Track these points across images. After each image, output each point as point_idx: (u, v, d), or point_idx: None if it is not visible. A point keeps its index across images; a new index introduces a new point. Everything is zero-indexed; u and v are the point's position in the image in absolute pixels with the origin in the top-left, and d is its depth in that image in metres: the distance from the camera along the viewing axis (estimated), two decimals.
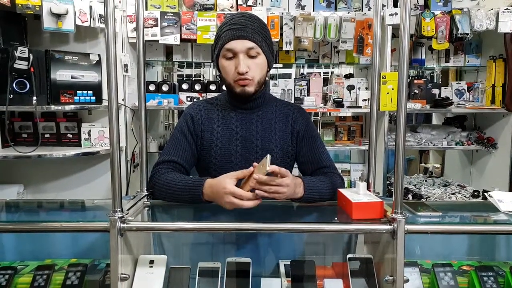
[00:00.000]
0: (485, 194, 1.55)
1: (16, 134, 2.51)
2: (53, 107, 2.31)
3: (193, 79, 2.99)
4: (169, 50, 2.90)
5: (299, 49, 2.77)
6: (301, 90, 2.88)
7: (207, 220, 1.27)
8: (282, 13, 2.62)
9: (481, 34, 2.91)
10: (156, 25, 2.59)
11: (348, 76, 3.05)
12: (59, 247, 1.33)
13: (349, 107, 2.84)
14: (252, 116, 1.42)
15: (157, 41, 2.63)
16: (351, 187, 2.89)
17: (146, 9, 2.62)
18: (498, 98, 2.75)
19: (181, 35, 2.61)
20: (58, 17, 2.27)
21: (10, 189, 2.48)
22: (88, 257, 1.27)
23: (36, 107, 2.20)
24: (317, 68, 4.05)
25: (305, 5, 2.69)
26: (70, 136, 2.53)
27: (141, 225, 1.11)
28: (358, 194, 1.14)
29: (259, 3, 2.66)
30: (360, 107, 2.82)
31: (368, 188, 1.27)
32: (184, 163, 1.39)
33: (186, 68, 3.90)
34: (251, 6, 2.64)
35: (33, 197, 2.57)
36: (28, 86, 2.18)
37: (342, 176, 1.44)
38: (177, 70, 3.98)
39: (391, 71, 2.59)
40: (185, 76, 3.98)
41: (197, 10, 2.65)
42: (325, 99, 2.95)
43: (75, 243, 1.33)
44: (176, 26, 2.61)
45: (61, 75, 2.31)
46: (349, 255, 1.13)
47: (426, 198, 2.75)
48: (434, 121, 3.70)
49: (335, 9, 2.71)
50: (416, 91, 2.89)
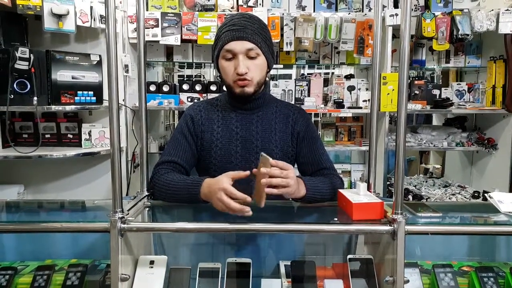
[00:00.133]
0: (486, 195, 1.55)
1: (16, 134, 2.51)
2: (53, 108, 2.32)
3: (193, 79, 2.99)
4: (169, 51, 2.90)
5: (300, 49, 2.77)
6: (301, 91, 2.88)
7: (207, 220, 1.27)
8: (283, 13, 2.63)
9: (481, 35, 2.91)
10: (157, 25, 2.60)
11: (349, 77, 3.05)
12: (60, 248, 1.33)
13: (349, 107, 2.84)
14: (252, 116, 1.43)
15: (158, 41, 2.63)
16: (351, 187, 2.89)
17: (147, 9, 2.63)
18: (499, 99, 2.75)
19: (181, 35, 2.62)
20: (59, 17, 2.28)
21: (11, 189, 2.47)
22: (88, 258, 1.27)
23: (36, 108, 2.20)
24: (317, 68, 4.05)
25: (305, 6, 2.69)
26: (70, 136, 2.53)
27: (141, 225, 1.11)
28: (358, 195, 1.14)
29: (259, 4, 2.66)
30: (361, 107, 2.83)
31: (369, 188, 1.27)
32: (184, 163, 1.39)
33: (186, 68, 3.90)
34: (251, 6, 2.64)
35: (33, 197, 2.57)
36: (28, 86, 2.19)
37: (341, 178, 1.44)
38: (178, 70, 3.98)
39: (391, 72, 2.60)
40: (185, 76, 3.99)
41: (197, 11, 2.65)
42: (325, 99, 2.95)
43: (76, 244, 1.33)
44: (176, 26, 2.61)
45: (61, 75, 2.32)
46: (349, 256, 1.13)
47: (427, 199, 2.75)
48: (435, 121, 3.70)
49: (336, 9, 2.71)
50: (417, 92, 2.89)
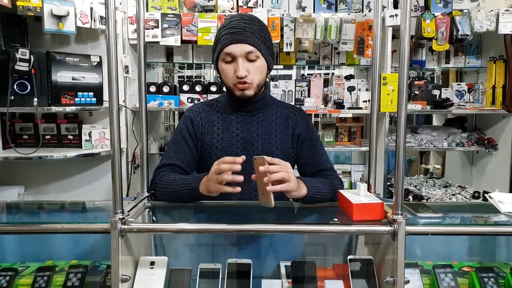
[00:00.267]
0: (486, 195, 1.55)
1: (17, 135, 2.52)
2: (54, 109, 2.32)
3: (193, 80, 3.00)
4: (169, 52, 2.90)
5: (300, 50, 2.77)
6: (301, 91, 2.88)
7: (207, 221, 1.27)
8: (283, 14, 2.63)
9: (481, 35, 2.91)
10: (157, 26, 2.60)
11: (349, 77, 3.05)
12: (60, 249, 1.33)
13: (349, 108, 2.84)
14: (252, 118, 1.42)
15: (158, 42, 2.64)
16: (351, 188, 2.89)
17: (147, 10, 2.63)
18: (499, 99, 2.75)
19: (181, 36, 2.62)
20: (59, 18, 2.28)
21: (11, 190, 2.47)
22: (88, 259, 1.26)
23: (37, 109, 2.20)
24: (317, 69, 4.05)
25: (305, 7, 2.69)
26: (70, 137, 2.53)
27: (141, 226, 1.11)
28: (358, 195, 1.14)
29: (259, 5, 2.66)
30: (361, 108, 2.83)
31: (369, 189, 1.26)
32: (184, 166, 1.39)
33: (186, 69, 3.91)
34: (251, 7, 2.64)
35: (33, 198, 2.57)
36: (29, 87, 2.19)
37: (341, 179, 1.44)
38: (178, 71, 3.98)
39: (391, 72, 2.60)
40: (185, 77, 3.99)
41: (197, 12, 2.65)
42: (325, 100, 2.95)
43: (76, 245, 1.33)
44: (176, 27, 2.61)
45: (62, 76, 2.32)
46: (349, 256, 1.13)
47: (427, 199, 2.75)
48: (435, 122, 3.70)
49: (336, 10, 2.71)
50: (417, 92, 2.90)
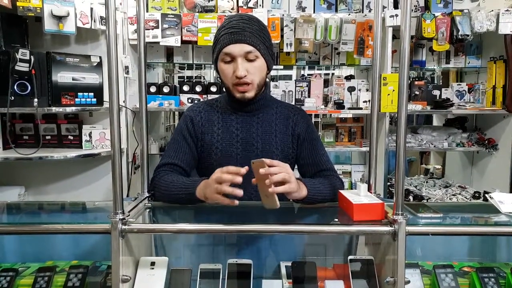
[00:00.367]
0: (486, 195, 1.55)
1: (17, 136, 2.52)
2: (54, 109, 2.32)
3: (194, 80, 3.00)
4: (170, 52, 2.91)
5: (300, 50, 2.77)
6: (301, 92, 2.88)
7: (208, 221, 1.27)
8: (283, 14, 2.63)
9: (481, 35, 2.91)
10: (157, 27, 2.60)
11: (349, 78, 3.05)
12: (60, 249, 1.33)
13: (349, 108, 2.84)
14: (252, 118, 1.42)
15: (158, 43, 2.64)
16: (352, 188, 2.89)
17: (147, 11, 2.63)
18: (499, 99, 2.75)
19: (182, 36, 2.62)
20: (59, 19, 2.28)
21: (11, 190, 2.47)
22: (89, 259, 1.26)
23: (37, 109, 2.20)
24: (317, 69, 4.04)
25: (305, 7, 2.69)
26: (71, 137, 2.53)
27: (142, 227, 1.11)
28: (359, 196, 1.14)
29: (259, 5, 2.67)
30: (361, 108, 2.83)
31: (369, 189, 1.27)
32: (184, 165, 1.39)
33: (187, 69, 3.90)
34: (251, 8, 2.64)
35: (34, 198, 2.57)
36: (29, 88, 2.19)
37: (341, 179, 1.44)
38: (178, 71, 3.98)
39: (391, 72, 2.60)
40: (186, 77, 3.99)
41: (197, 12, 2.65)
42: (325, 100, 2.95)
43: (76, 245, 1.33)
44: (177, 28, 2.61)
45: (62, 77, 2.32)
46: (350, 257, 1.13)
47: (427, 200, 2.75)
48: (435, 122, 3.70)
49: (336, 10, 2.71)
50: (417, 92, 2.90)
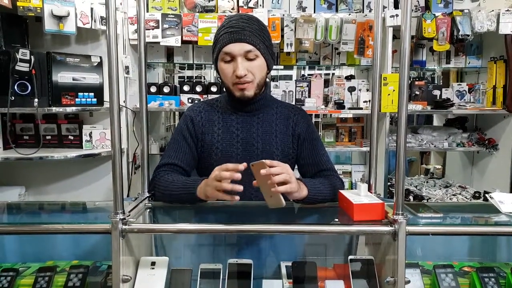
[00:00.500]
0: (486, 195, 1.55)
1: (17, 136, 2.52)
2: (54, 109, 2.32)
3: (194, 80, 3.00)
4: (170, 52, 2.91)
5: (300, 50, 2.77)
6: (302, 92, 2.88)
7: (208, 221, 1.27)
8: (283, 14, 2.63)
9: (482, 35, 2.91)
10: (157, 27, 2.60)
11: (349, 78, 3.05)
12: (61, 249, 1.33)
13: (350, 108, 2.84)
14: (252, 118, 1.42)
15: (158, 43, 2.64)
16: (352, 188, 2.89)
17: (147, 11, 2.63)
18: (499, 99, 2.75)
19: (182, 37, 2.62)
20: (60, 19, 2.28)
21: (12, 191, 2.48)
22: (89, 259, 1.26)
23: (37, 109, 2.21)
24: (318, 69, 4.05)
25: (306, 7, 2.69)
26: (71, 138, 2.53)
27: (142, 226, 1.11)
28: (359, 196, 1.14)
29: (260, 5, 2.66)
30: (361, 108, 2.83)
31: (369, 189, 1.26)
32: (184, 165, 1.39)
33: (187, 69, 3.91)
34: (252, 8, 2.64)
35: (34, 198, 2.57)
36: (29, 88, 2.19)
37: (341, 179, 1.44)
38: (178, 71, 3.98)
39: (392, 72, 2.60)
40: (186, 77, 3.99)
41: (198, 12, 2.65)
42: (326, 100, 2.95)
43: (77, 245, 1.33)
44: (177, 28, 2.61)
45: (62, 77, 2.32)
46: (350, 257, 1.13)
47: (427, 200, 2.75)
48: (435, 122, 3.70)
49: (336, 10, 2.71)
50: (417, 92, 2.89)
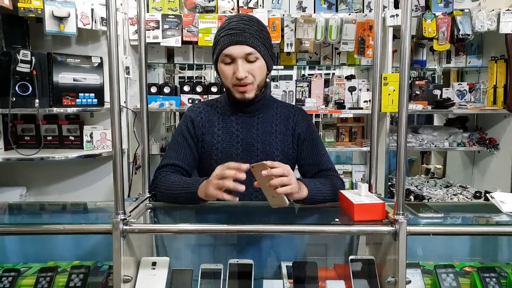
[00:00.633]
0: (487, 195, 1.55)
1: (18, 136, 2.52)
2: (55, 110, 2.33)
3: (194, 81, 3.01)
4: (170, 52, 2.91)
5: (300, 50, 2.77)
6: (302, 92, 2.88)
7: (209, 222, 1.27)
8: (283, 15, 2.63)
9: (482, 35, 2.91)
10: (158, 27, 2.60)
11: (349, 78, 3.05)
12: (62, 249, 1.33)
13: (350, 108, 2.84)
14: (252, 119, 1.42)
15: (159, 43, 2.64)
16: (352, 188, 2.89)
17: (148, 11, 2.63)
18: (500, 99, 2.75)
19: (182, 37, 2.62)
20: (60, 20, 2.28)
21: (13, 191, 2.48)
22: (90, 259, 1.27)
23: (38, 110, 2.21)
24: (318, 69, 4.05)
25: (306, 7, 2.69)
26: (72, 138, 2.53)
27: (143, 227, 1.11)
28: (359, 196, 1.14)
29: (260, 5, 2.67)
30: (362, 108, 2.83)
31: (370, 189, 1.27)
32: (185, 166, 1.39)
33: (187, 70, 3.90)
34: (252, 8, 2.64)
35: (35, 199, 2.58)
36: (30, 89, 2.19)
37: (342, 179, 1.44)
38: (179, 72, 3.98)
39: (392, 72, 2.59)
40: (186, 78, 3.99)
41: (198, 13, 2.65)
42: (326, 100, 2.95)
43: (78, 245, 1.34)
44: (177, 28, 2.62)
45: (63, 77, 2.33)
46: (351, 257, 1.13)
47: (428, 199, 2.75)
48: (436, 122, 3.70)
49: (336, 10, 2.71)
50: (418, 92, 2.89)
